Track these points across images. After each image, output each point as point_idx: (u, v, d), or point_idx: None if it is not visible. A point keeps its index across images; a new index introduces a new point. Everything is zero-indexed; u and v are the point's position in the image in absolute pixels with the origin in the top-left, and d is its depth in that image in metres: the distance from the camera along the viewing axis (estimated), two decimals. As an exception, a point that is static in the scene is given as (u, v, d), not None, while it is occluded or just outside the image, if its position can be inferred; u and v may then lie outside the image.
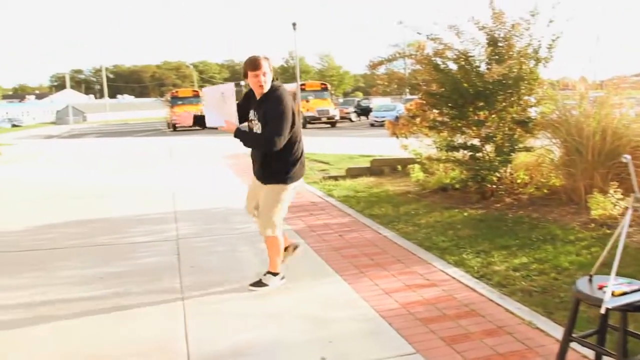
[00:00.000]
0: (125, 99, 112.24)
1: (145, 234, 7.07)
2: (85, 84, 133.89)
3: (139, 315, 4.43)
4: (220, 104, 4.75)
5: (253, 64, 4.62)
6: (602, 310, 2.57)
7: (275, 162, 4.73)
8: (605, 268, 2.93)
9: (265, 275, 5.03)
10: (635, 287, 2.69)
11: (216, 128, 4.83)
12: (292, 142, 4.75)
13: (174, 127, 38.66)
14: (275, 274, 5.03)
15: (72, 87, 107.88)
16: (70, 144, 30.66)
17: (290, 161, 4.79)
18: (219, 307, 4.55)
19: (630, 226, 6.24)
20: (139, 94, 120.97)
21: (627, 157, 2.75)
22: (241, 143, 4.77)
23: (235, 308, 4.53)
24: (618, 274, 2.87)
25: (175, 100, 41.20)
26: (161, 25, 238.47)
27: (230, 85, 4.89)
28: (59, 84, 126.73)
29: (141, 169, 14.44)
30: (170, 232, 7.14)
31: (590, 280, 2.86)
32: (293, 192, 4.93)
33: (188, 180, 11.92)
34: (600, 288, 2.69)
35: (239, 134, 4.66)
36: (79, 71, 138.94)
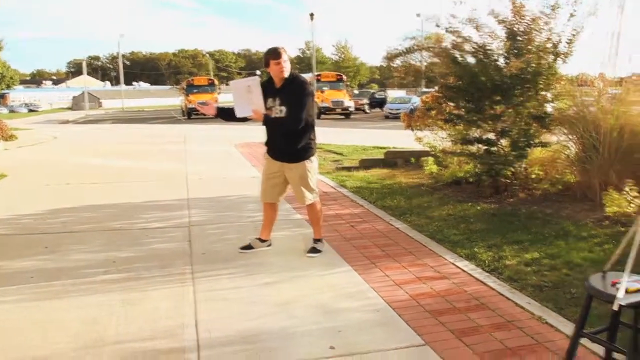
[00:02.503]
0: (141, 86, 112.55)
1: (158, 220, 7.10)
2: (101, 71, 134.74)
3: (150, 300, 4.45)
4: (247, 95, 5.18)
5: (275, 53, 5.18)
6: (615, 307, 2.54)
7: (301, 141, 5.30)
8: (619, 265, 2.90)
9: (315, 242, 5.68)
10: (649, 285, 2.67)
11: (244, 119, 5.35)
12: (312, 122, 5.38)
13: (188, 115, 38.79)
14: (320, 240, 5.73)
15: (88, 73, 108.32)
16: (85, 130, 30.86)
17: (312, 138, 5.42)
18: (229, 295, 4.56)
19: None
20: (155, 82, 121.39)
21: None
22: (267, 130, 5.39)
23: (246, 296, 4.54)
24: (632, 272, 2.84)
25: (190, 89, 41.26)
26: (177, 14, 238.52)
27: (256, 78, 5.39)
28: (75, 70, 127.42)
29: (155, 156, 14.48)
30: (183, 218, 7.16)
31: (603, 277, 2.83)
32: (316, 161, 5.60)
33: (201, 168, 11.94)
34: (614, 284, 2.67)
35: (268, 120, 5.19)
36: (96, 58, 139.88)
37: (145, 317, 4.13)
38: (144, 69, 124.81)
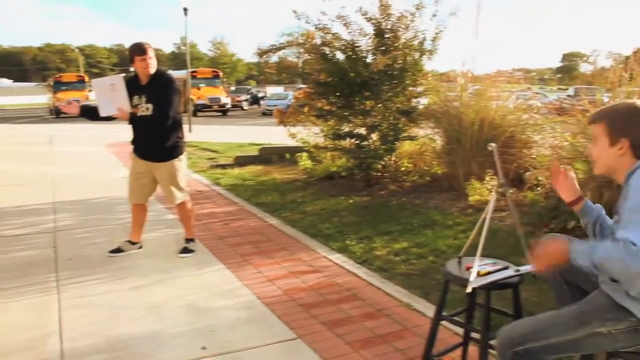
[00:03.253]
0: (3, 83, 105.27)
1: (19, 227, 6.64)
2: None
3: (8, 313, 4.15)
4: (111, 93, 5.02)
5: (140, 48, 5.03)
6: (468, 290, 2.68)
7: (169, 139, 5.19)
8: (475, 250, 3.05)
9: (187, 242, 5.58)
10: (499, 267, 2.83)
11: (110, 118, 5.16)
12: (180, 120, 5.30)
13: (57, 114, 36.76)
14: (192, 239, 5.64)
15: None
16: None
17: (180, 136, 5.32)
18: (96, 301, 4.36)
19: (503, 210, 6.58)
20: (19, 78, 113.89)
21: (492, 146, 2.87)
22: (134, 129, 5.23)
23: (114, 301, 4.36)
24: (490, 256, 3.00)
25: (58, 86, 39.00)
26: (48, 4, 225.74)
27: (119, 76, 5.23)
28: None
29: (18, 158, 13.57)
30: (47, 223, 6.76)
31: (459, 262, 2.97)
32: (185, 159, 5.47)
33: (69, 169, 11.34)
34: (468, 269, 2.80)
35: (134, 118, 5.06)
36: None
37: (3, 330, 3.84)
38: (4, 64, 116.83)
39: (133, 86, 5.10)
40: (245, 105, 44.33)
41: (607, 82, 6.56)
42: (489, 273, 2.73)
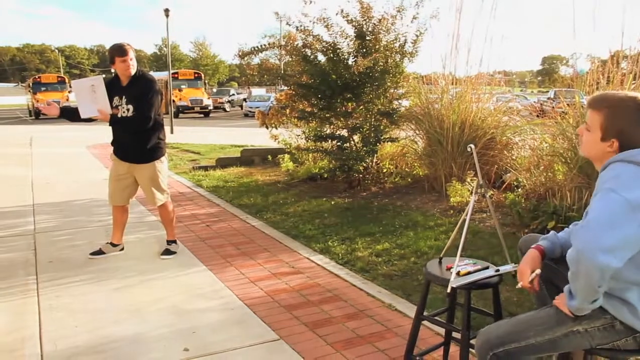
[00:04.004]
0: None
1: (-2, 229, 6.59)
2: None
3: (-14, 316, 4.11)
4: (91, 95, 5.00)
5: (121, 50, 5.01)
6: (448, 290, 2.71)
7: (150, 141, 5.16)
8: (462, 251, 3.08)
9: (169, 244, 5.58)
10: (479, 267, 2.86)
11: (90, 119, 5.17)
12: (161, 121, 5.27)
13: (36, 115, 36.38)
14: (174, 241, 5.64)
15: None
16: None
17: (162, 137, 5.30)
18: (77, 303, 4.33)
19: (483, 212, 6.64)
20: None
21: (471, 147, 2.90)
22: (114, 130, 5.25)
23: (95, 303, 4.33)
24: (471, 256, 3.03)
25: (37, 87, 38.55)
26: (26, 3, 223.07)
27: (99, 77, 5.26)
28: None
29: (-4, 159, 13.44)
30: (27, 226, 6.70)
31: (439, 262, 3.00)
32: (166, 161, 5.45)
33: (49, 171, 11.23)
34: (448, 269, 2.83)
35: (115, 119, 5.02)
36: None
37: (-20, 334, 3.81)
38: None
39: (113, 87, 5.08)
40: (227, 107, 44.26)
41: (586, 85, 6.64)
42: (469, 273, 2.77)
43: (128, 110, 5.03)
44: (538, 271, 2.43)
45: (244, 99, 45.05)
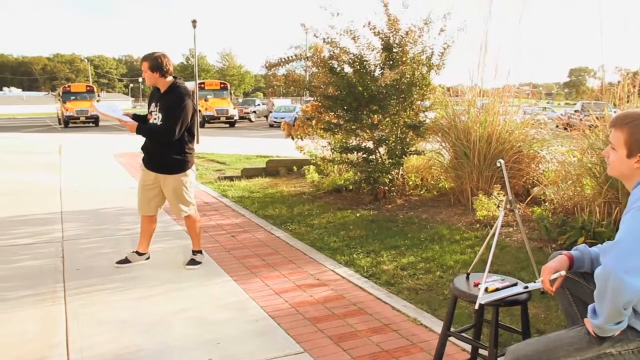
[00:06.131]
0: (13, 92, 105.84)
1: (27, 236, 6.66)
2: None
3: (16, 322, 4.15)
4: (112, 112, 5.27)
5: (141, 60, 5.22)
6: (476, 306, 2.68)
7: (176, 152, 5.20)
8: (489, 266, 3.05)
9: (194, 254, 5.59)
10: (507, 284, 2.82)
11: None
12: (191, 132, 5.32)
13: (65, 124, 37.04)
14: (200, 252, 5.64)
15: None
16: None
17: (188, 151, 5.31)
18: (103, 311, 4.37)
19: (510, 226, 6.57)
20: (28, 88, 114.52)
21: (500, 162, 2.88)
22: (142, 138, 5.32)
23: (122, 311, 4.37)
24: (498, 271, 3.00)
25: (67, 96, 39.31)
26: (54, 14, 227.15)
27: (116, 104, 5.70)
28: None
29: (26, 167, 13.65)
30: (55, 233, 6.79)
31: (467, 278, 2.97)
32: (193, 174, 5.50)
33: (77, 179, 11.40)
34: (476, 285, 2.80)
35: (139, 129, 5.14)
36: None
37: (10, 340, 3.85)
38: (15, 74, 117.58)
39: (154, 94, 5.33)
40: (252, 117, 44.49)
41: (615, 98, 6.56)
42: (497, 289, 2.73)
43: (158, 117, 5.14)
44: (563, 272, 2.41)
45: (269, 111, 45.40)
